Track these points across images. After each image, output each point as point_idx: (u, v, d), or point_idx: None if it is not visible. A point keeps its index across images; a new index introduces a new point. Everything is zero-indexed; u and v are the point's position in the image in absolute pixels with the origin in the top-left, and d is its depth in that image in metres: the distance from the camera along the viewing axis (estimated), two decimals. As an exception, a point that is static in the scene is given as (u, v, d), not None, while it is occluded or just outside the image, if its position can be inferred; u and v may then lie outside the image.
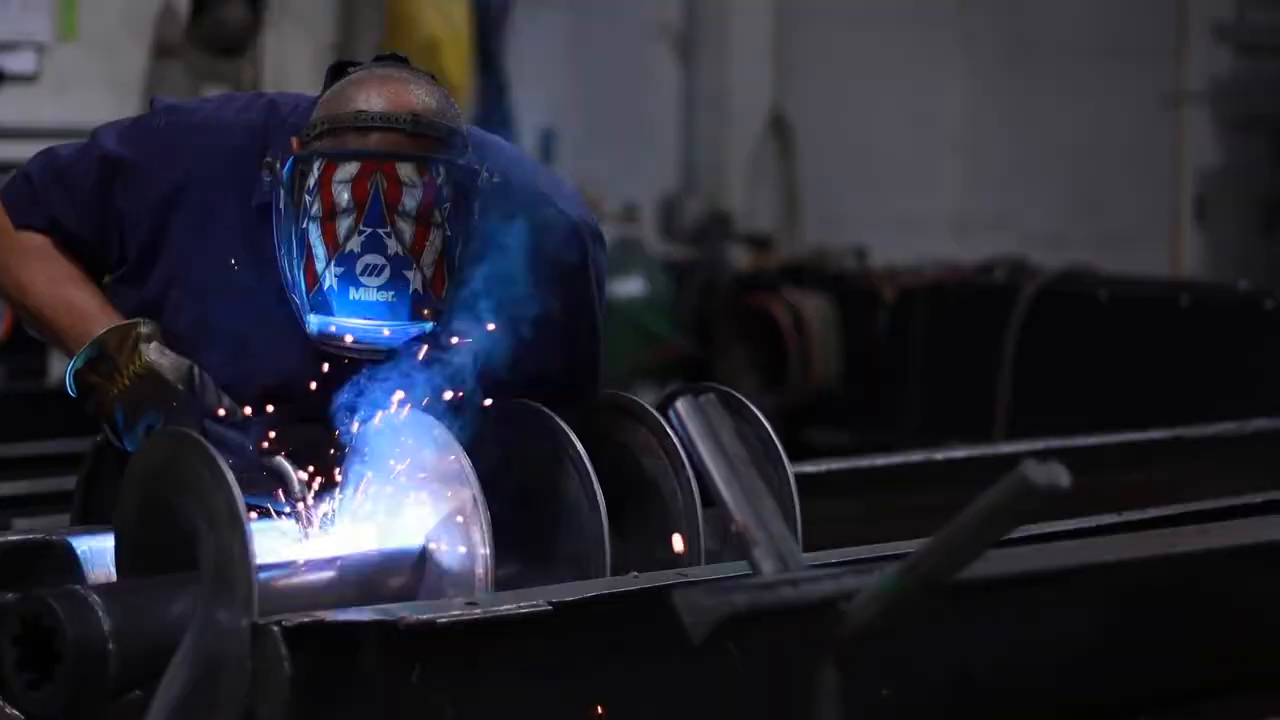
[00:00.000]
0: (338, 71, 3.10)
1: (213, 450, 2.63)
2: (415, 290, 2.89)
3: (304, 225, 2.89)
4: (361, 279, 2.88)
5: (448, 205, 2.90)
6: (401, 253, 2.88)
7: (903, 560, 2.36)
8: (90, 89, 7.34)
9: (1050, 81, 9.76)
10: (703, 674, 2.81)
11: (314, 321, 2.92)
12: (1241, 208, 10.17)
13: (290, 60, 7.77)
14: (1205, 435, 4.69)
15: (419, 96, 2.95)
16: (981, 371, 7.49)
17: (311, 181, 2.88)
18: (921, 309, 7.86)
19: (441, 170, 2.90)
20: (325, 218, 2.88)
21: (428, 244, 2.89)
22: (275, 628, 2.49)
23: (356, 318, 2.89)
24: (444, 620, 2.60)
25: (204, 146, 3.15)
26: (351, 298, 2.88)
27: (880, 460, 4.10)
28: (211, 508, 2.63)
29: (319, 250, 2.88)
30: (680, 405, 2.46)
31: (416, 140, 2.91)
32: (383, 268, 2.88)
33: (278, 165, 2.94)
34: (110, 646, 2.62)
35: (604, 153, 8.14)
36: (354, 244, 2.87)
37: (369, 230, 2.87)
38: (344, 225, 2.87)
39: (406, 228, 2.88)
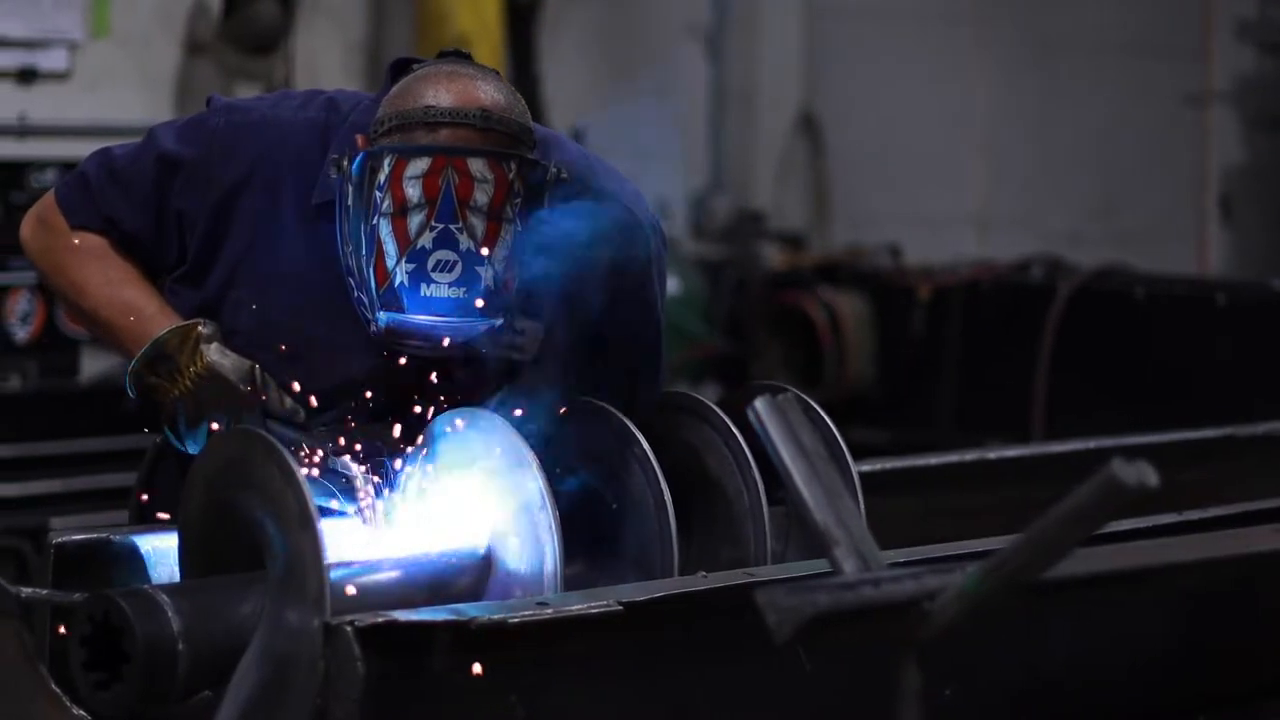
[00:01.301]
0: (400, 68, 3.08)
1: (282, 449, 2.61)
2: (486, 286, 2.87)
3: (374, 222, 2.87)
4: (433, 275, 2.86)
5: (519, 201, 2.89)
6: (473, 249, 2.86)
7: (987, 559, 2.34)
8: (122, 86, 7.31)
9: (1074, 81, 9.75)
10: (771, 673, 2.80)
11: (383, 318, 2.90)
12: (1266, 206, 10.16)
13: (321, 58, 7.75)
14: (1257, 434, 4.66)
15: (487, 92, 2.94)
16: (1017, 370, 7.47)
17: (382, 178, 2.86)
18: (957, 307, 7.83)
19: (513, 166, 2.88)
20: (396, 214, 2.86)
21: (499, 240, 2.88)
22: (348, 627, 2.47)
23: (427, 314, 2.87)
24: (515, 620, 2.58)
25: (263, 145, 3.13)
26: (423, 294, 2.86)
27: (934, 459, 4.08)
28: (281, 507, 2.60)
29: (390, 247, 2.87)
30: (759, 404, 2.44)
31: (486, 136, 2.90)
32: (454, 264, 2.86)
33: (345, 162, 2.92)
34: (180, 646, 2.60)
35: (633, 150, 8.11)
36: (425, 240, 2.86)
37: (441, 226, 2.85)
38: (415, 221, 2.85)
39: (478, 223, 2.86)
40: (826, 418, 3.11)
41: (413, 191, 2.85)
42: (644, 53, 8.71)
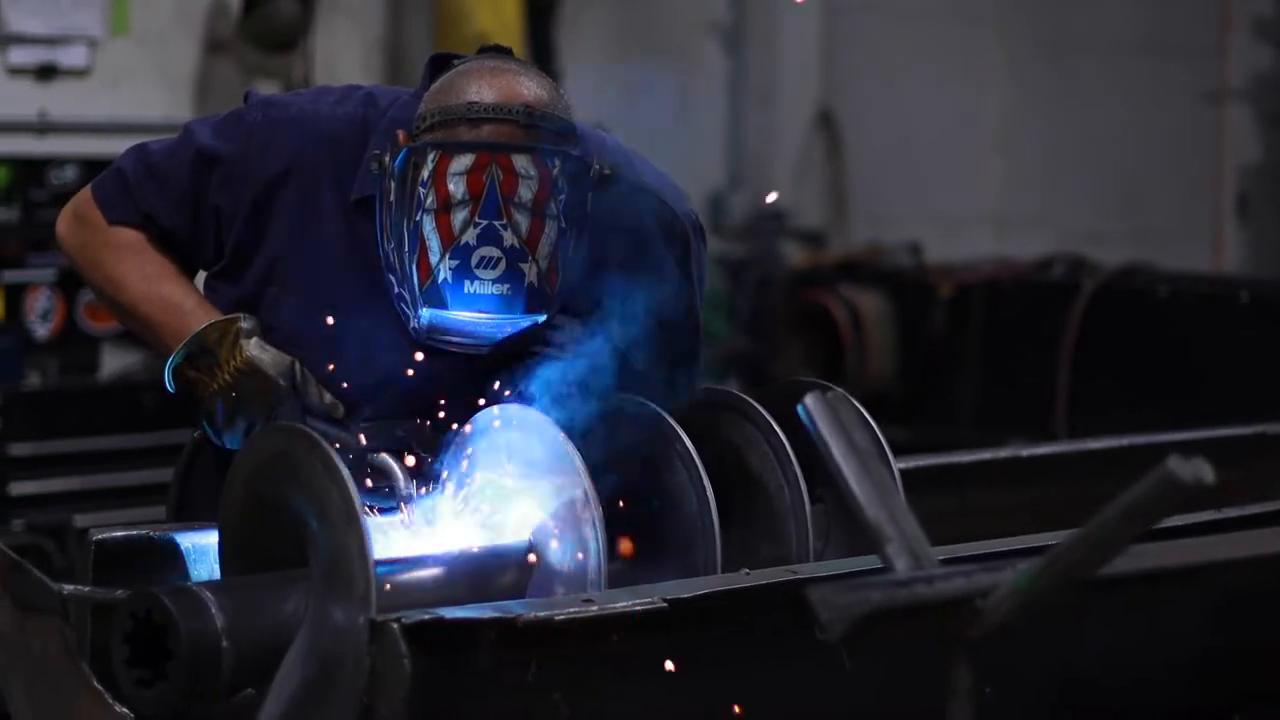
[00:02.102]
0: (439, 64, 3.07)
1: (326, 445, 2.60)
2: (530, 283, 2.86)
3: (417, 218, 2.85)
4: (477, 272, 2.85)
5: (563, 197, 2.87)
6: (517, 245, 2.85)
7: (1041, 556, 2.33)
8: (141, 84, 7.31)
9: (1091, 79, 9.72)
10: (814, 671, 2.79)
11: (426, 315, 2.88)
12: (1283, 205, 10.13)
13: (340, 56, 7.74)
14: (1290, 432, 4.64)
15: (530, 88, 2.92)
16: (1039, 368, 7.44)
17: (425, 174, 2.85)
18: (978, 305, 7.81)
19: (557, 162, 2.87)
20: (439, 210, 2.84)
21: (543, 236, 2.86)
22: (395, 625, 2.46)
23: (471, 311, 2.86)
24: (561, 617, 2.57)
25: (302, 140, 3.11)
26: (466, 291, 2.85)
27: (967, 457, 4.06)
28: (325, 503, 2.59)
29: (433, 243, 2.85)
30: (810, 401, 2.42)
31: (529, 132, 2.88)
32: (498, 260, 2.85)
33: (386, 158, 2.90)
34: (224, 644, 2.58)
35: (652, 148, 8.09)
36: (469, 236, 2.84)
37: (485, 223, 2.84)
38: (459, 217, 2.84)
39: (522, 220, 2.85)
40: (869, 417, 3.08)
41: (456, 188, 2.84)
42: (662, 50, 8.70)
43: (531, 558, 2.86)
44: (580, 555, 2.79)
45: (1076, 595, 2.75)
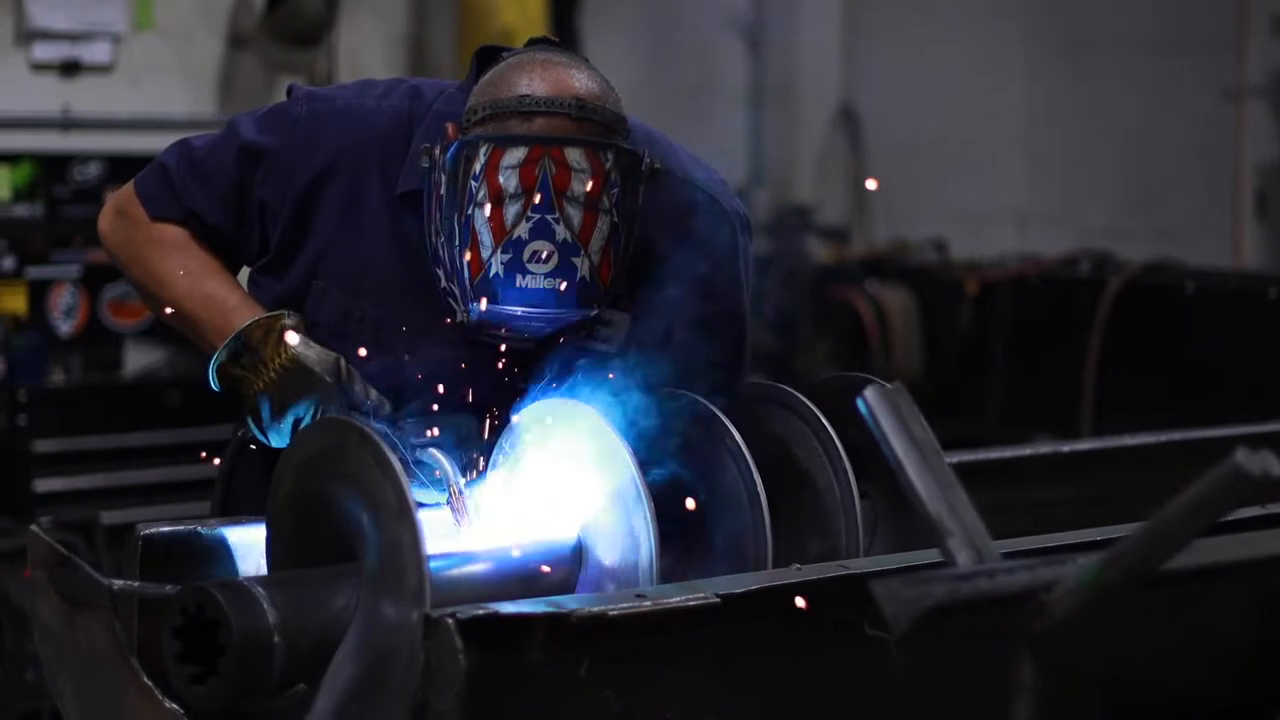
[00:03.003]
0: (486, 57, 3.05)
1: (379, 439, 2.57)
2: (582, 277, 2.84)
3: (469, 211, 2.83)
4: (529, 266, 2.83)
5: (615, 191, 2.85)
6: (570, 239, 2.83)
7: (1105, 550, 2.30)
8: (165, 79, 7.29)
9: (1110, 76, 9.70)
10: (864, 667, 2.77)
11: (476, 309, 2.86)
12: (1302, 202, 10.11)
13: (363, 51, 7.72)
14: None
15: (581, 81, 2.90)
16: (1065, 364, 7.41)
17: (477, 167, 2.82)
18: (1005, 302, 7.78)
19: (610, 155, 2.84)
20: (492, 203, 2.82)
21: (595, 230, 2.84)
22: (449, 620, 2.43)
23: (522, 305, 2.84)
24: (615, 613, 2.54)
25: (348, 133, 3.09)
26: (518, 285, 2.83)
27: (1009, 452, 4.04)
28: (378, 498, 2.56)
29: (485, 237, 2.83)
30: (869, 394, 2.41)
31: (582, 125, 2.86)
32: (550, 254, 2.83)
33: (436, 151, 2.88)
34: (275, 639, 2.55)
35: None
36: (522, 230, 2.82)
37: (537, 216, 2.82)
38: (511, 211, 2.82)
39: (575, 214, 2.83)
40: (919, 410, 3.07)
41: (509, 181, 2.82)
42: (685, 46, 8.68)
43: (580, 553, 2.84)
44: (631, 550, 2.77)
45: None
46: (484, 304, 2.85)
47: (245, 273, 3.27)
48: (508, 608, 2.50)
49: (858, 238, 8.82)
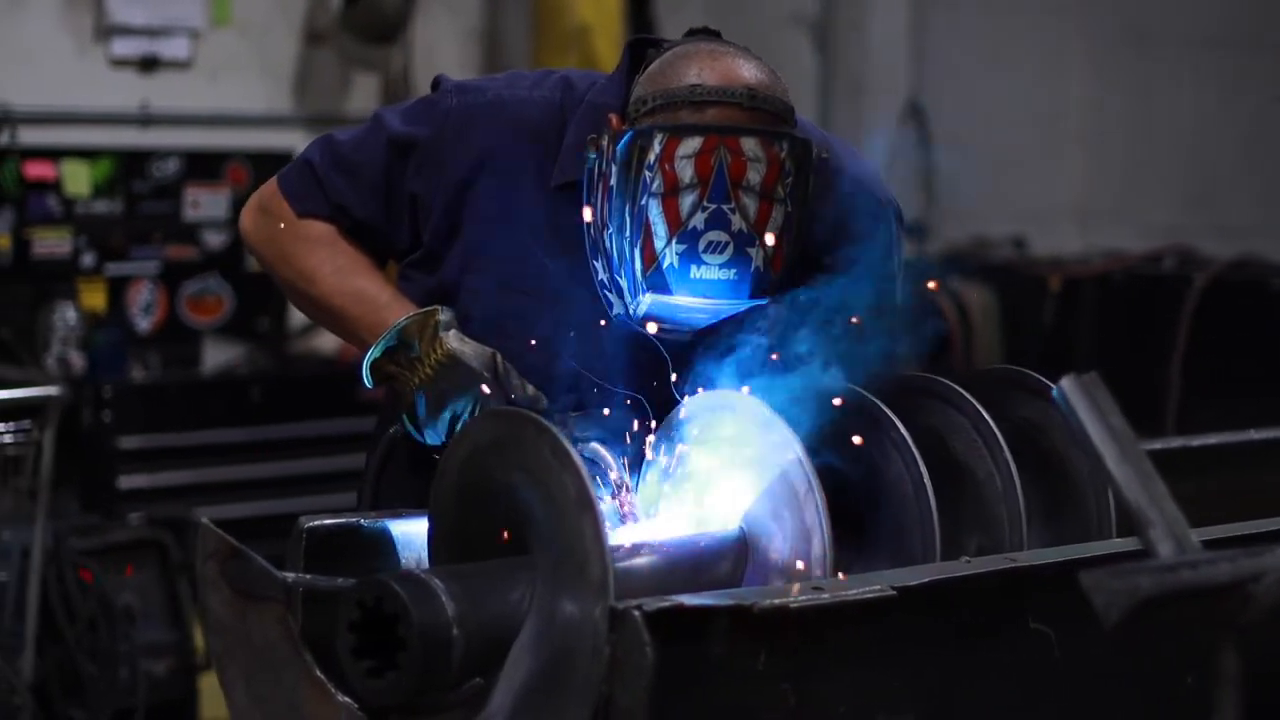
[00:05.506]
0: (639, 49, 3.04)
1: (557, 431, 2.55)
2: (756, 268, 2.82)
3: (642, 202, 2.81)
4: (704, 256, 2.81)
5: (789, 180, 2.83)
6: (745, 229, 2.81)
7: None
8: (242, 75, 7.29)
9: (1171, 71, 9.66)
10: (1031, 659, 2.75)
11: (646, 301, 2.84)
12: (1361, 199, 10.06)
13: (439, 47, 7.72)
14: None
15: (751, 71, 2.89)
16: (1150, 361, 7.37)
17: (652, 157, 2.80)
18: (1088, 299, 7.74)
19: (784, 145, 2.83)
20: (667, 194, 2.80)
21: (770, 220, 2.82)
22: (637, 613, 2.41)
23: (696, 296, 2.82)
24: (795, 605, 2.52)
25: (500, 126, 3.07)
26: (692, 276, 2.81)
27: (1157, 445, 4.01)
28: (556, 489, 2.54)
29: (659, 228, 2.81)
30: (1066, 385, 2.38)
31: (753, 115, 2.85)
32: (726, 245, 2.81)
33: (604, 142, 2.86)
34: (454, 632, 2.52)
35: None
36: (697, 220, 2.80)
37: (713, 206, 2.80)
38: (687, 202, 2.80)
39: (750, 204, 2.81)
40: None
41: (684, 171, 2.80)
42: (754, 43, 8.63)
43: (744, 546, 2.82)
44: (802, 543, 2.75)
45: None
46: (655, 294, 2.82)
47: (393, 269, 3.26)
48: (691, 600, 2.48)
49: (934, 235, 8.79)
